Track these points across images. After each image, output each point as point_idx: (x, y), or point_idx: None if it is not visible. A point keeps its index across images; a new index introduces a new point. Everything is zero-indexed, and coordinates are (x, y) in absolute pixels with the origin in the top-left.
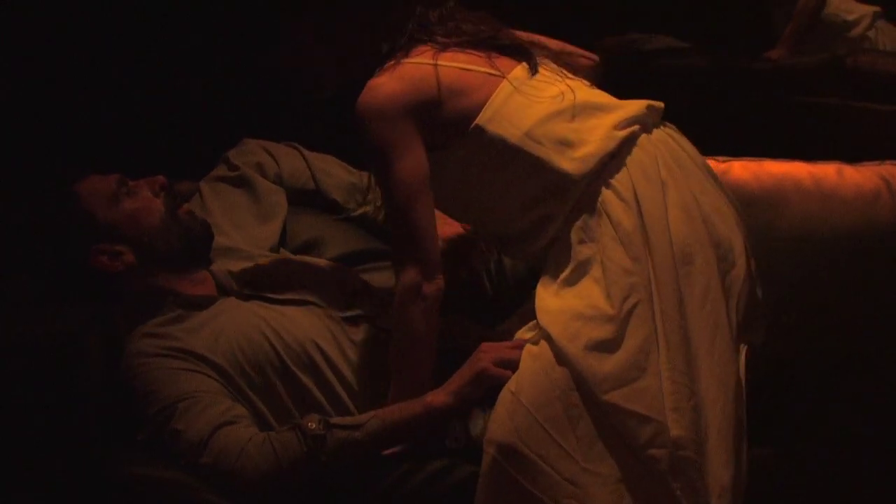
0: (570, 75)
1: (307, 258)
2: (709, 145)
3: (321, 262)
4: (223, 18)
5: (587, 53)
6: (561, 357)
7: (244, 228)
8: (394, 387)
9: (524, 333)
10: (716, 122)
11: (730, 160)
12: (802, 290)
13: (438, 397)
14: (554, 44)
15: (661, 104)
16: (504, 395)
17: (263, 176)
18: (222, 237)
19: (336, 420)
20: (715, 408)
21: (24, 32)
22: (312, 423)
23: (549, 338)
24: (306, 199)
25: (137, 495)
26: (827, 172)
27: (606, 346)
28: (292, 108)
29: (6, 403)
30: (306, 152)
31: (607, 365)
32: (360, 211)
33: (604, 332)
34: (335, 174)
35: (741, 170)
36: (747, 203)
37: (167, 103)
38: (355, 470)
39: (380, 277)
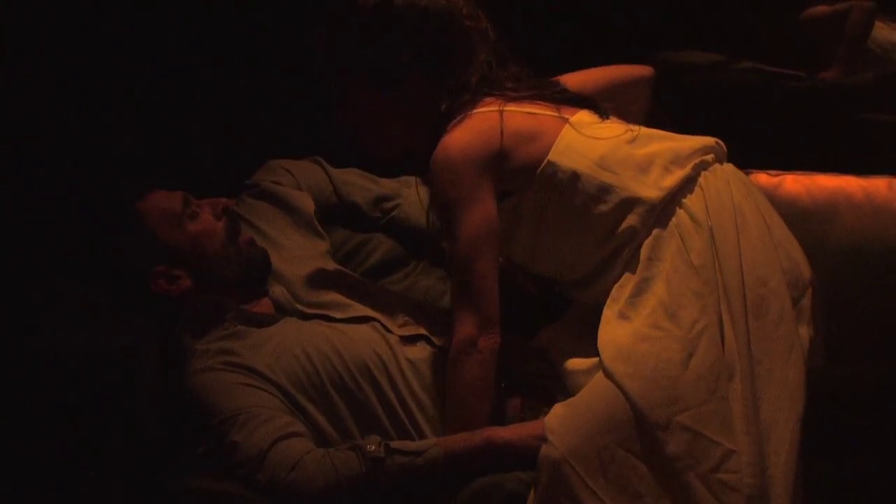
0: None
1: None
2: (760, 160)
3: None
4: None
5: (641, 67)
6: (623, 389)
7: (288, 235)
8: (448, 430)
9: (578, 364)
10: (766, 136)
11: (782, 174)
12: (854, 302)
13: (502, 433)
14: (607, 71)
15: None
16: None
17: None
18: (275, 250)
19: (397, 444)
20: (785, 430)
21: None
22: (372, 446)
23: (610, 373)
24: (333, 213)
25: None
26: (878, 186)
27: (675, 366)
28: (312, 124)
29: (64, 415)
30: (328, 166)
31: (677, 385)
32: (389, 216)
33: (672, 351)
34: (359, 184)
35: (793, 183)
36: (799, 217)
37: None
38: (411, 493)
39: (418, 283)
